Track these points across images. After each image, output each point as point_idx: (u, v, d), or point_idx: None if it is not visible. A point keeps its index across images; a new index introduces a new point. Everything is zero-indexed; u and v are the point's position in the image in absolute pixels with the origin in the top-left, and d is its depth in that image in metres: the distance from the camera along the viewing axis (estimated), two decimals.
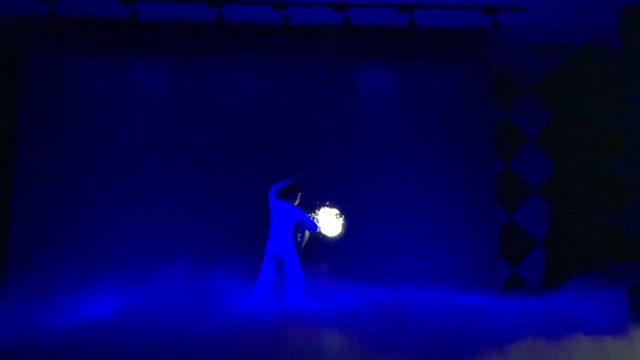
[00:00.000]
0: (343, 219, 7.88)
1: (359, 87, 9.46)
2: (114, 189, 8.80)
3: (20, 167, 8.74)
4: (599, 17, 8.78)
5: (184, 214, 8.88)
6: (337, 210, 7.92)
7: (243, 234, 8.82)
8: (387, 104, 9.44)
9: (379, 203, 9.10)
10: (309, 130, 9.23)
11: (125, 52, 9.12)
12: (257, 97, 9.27)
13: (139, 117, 9.03)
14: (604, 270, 8.96)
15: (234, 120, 9.19)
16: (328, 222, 7.85)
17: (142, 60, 9.15)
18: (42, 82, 8.90)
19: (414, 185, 9.30)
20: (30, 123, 8.83)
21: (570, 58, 9.98)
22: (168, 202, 8.89)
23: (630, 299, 6.57)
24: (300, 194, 7.83)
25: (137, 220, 8.78)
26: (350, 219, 8.19)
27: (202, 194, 8.99)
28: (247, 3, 8.48)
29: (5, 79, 9.11)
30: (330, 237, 7.89)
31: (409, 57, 9.54)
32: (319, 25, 9.11)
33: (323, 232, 7.85)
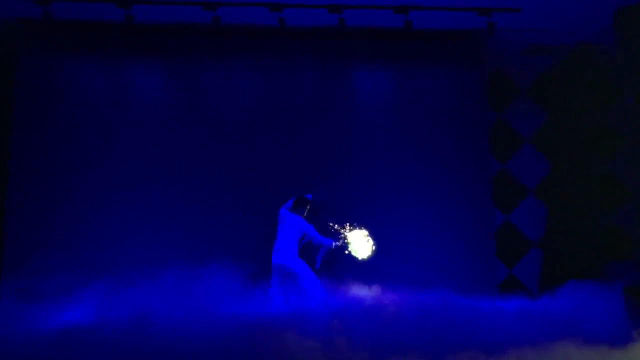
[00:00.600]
0: (373, 242, 7.90)
1: (355, 89, 9.46)
2: (110, 192, 8.79)
3: (16, 170, 8.72)
4: (594, 18, 8.80)
5: (181, 216, 8.87)
6: (366, 232, 7.94)
7: (240, 236, 8.82)
8: (382, 106, 9.44)
9: (375, 204, 9.10)
10: (305, 133, 9.23)
11: (121, 55, 9.11)
12: (253, 99, 9.27)
13: (135, 120, 9.01)
14: (601, 271, 8.98)
15: (230, 123, 9.19)
16: (359, 243, 7.88)
17: (137, 64, 9.14)
18: (37, 85, 8.88)
19: (410, 187, 9.30)
20: (26, 126, 8.81)
21: (566, 59, 10.00)
22: (164, 204, 8.88)
23: (627, 300, 6.57)
24: (308, 208, 7.98)
25: (133, 222, 8.77)
26: (346, 221, 8.19)
27: (198, 196, 8.97)
28: (242, 5, 8.48)
29: (0, 83, 9.08)
30: (360, 258, 7.92)
31: (405, 58, 9.55)
32: (315, 28, 9.12)
33: (353, 253, 7.89)
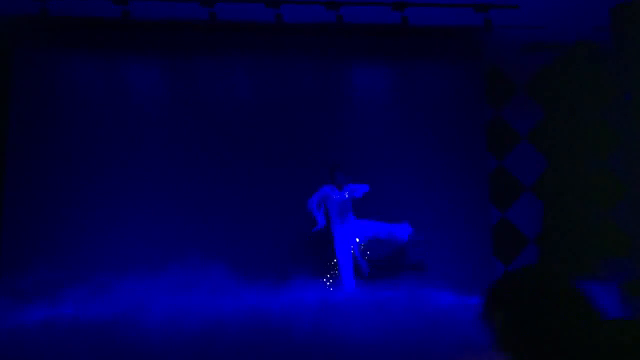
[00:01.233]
0: None
1: (352, 85, 9.45)
2: (107, 188, 8.78)
3: (11, 166, 8.71)
4: (591, 15, 8.80)
5: (179, 212, 8.88)
6: None
7: (238, 233, 8.83)
8: (379, 103, 9.44)
9: (372, 201, 9.09)
10: (302, 129, 9.23)
11: (118, 51, 9.10)
12: (250, 96, 9.27)
13: (131, 116, 9.00)
14: (597, 268, 8.99)
15: (227, 120, 9.18)
16: None
17: (134, 60, 9.12)
18: (33, 82, 8.87)
19: (407, 184, 9.30)
20: (22, 122, 8.80)
21: (563, 56, 9.99)
22: (161, 200, 8.88)
23: (623, 297, 6.58)
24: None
25: (130, 218, 8.77)
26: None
27: (195, 193, 8.97)
28: (239, 2, 8.47)
29: None
30: None
31: (402, 55, 9.55)
32: (312, 24, 9.10)
33: None
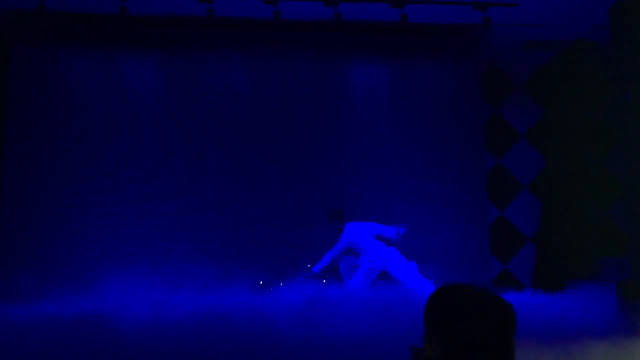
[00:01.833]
0: None
1: (350, 83, 9.43)
2: (104, 184, 8.77)
3: (9, 161, 8.68)
4: (590, 13, 8.79)
5: (176, 211, 8.87)
6: None
7: (235, 229, 8.83)
8: (377, 101, 9.42)
9: (370, 199, 9.09)
10: (300, 127, 9.22)
11: (115, 47, 9.08)
12: (248, 93, 9.25)
13: (128, 112, 8.98)
14: (594, 267, 8.99)
15: (225, 117, 9.16)
16: None
17: (132, 56, 9.09)
18: (31, 77, 8.85)
19: (405, 182, 9.29)
20: (19, 118, 8.78)
21: (561, 55, 9.98)
22: (159, 196, 8.87)
23: (620, 295, 6.58)
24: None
25: (129, 216, 8.76)
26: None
27: (193, 189, 8.96)
28: None
29: None
30: None
31: (400, 53, 9.53)
32: (310, 21, 9.08)
33: None
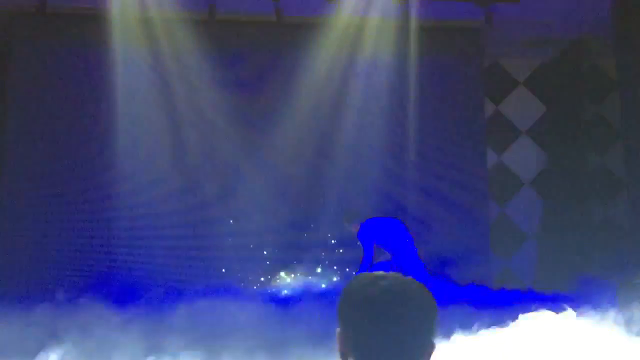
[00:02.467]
0: None
1: (353, 79, 9.40)
2: (103, 182, 8.76)
3: (9, 161, 8.68)
4: (591, 11, 8.77)
5: (174, 207, 8.87)
6: None
7: (233, 227, 8.85)
8: (380, 97, 9.39)
9: (371, 197, 9.08)
10: (302, 125, 9.17)
11: (116, 45, 9.01)
12: (249, 89, 9.21)
13: (129, 111, 8.93)
14: (595, 264, 8.99)
15: (227, 113, 9.13)
16: None
17: (132, 55, 9.03)
18: (31, 76, 8.82)
19: (406, 179, 9.28)
20: (20, 117, 8.76)
21: (563, 52, 9.96)
22: (157, 194, 8.86)
23: (620, 293, 6.57)
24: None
25: (128, 215, 8.76)
26: (343, 213, 8.18)
27: (191, 188, 8.96)
28: None
29: None
30: None
31: (403, 49, 9.49)
32: (313, 17, 9.05)
33: None
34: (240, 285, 8.19)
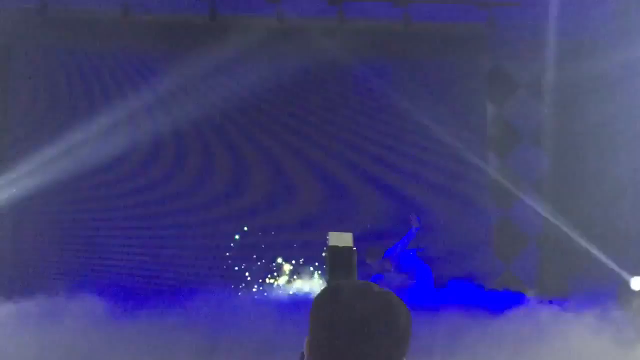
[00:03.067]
0: None
1: (353, 82, 9.41)
2: (104, 182, 8.77)
3: (9, 161, 8.69)
4: (594, 13, 8.76)
5: (173, 206, 8.88)
6: None
7: (232, 229, 8.86)
8: (381, 100, 9.40)
9: (372, 199, 9.08)
10: (302, 127, 9.19)
11: (118, 46, 9.03)
12: (250, 92, 9.22)
13: (129, 111, 8.92)
14: (598, 267, 8.96)
15: (228, 116, 9.15)
16: None
17: (133, 56, 9.05)
18: (31, 77, 8.83)
19: (408, 182, 9.28)
20: (20, 118, 8.78)
21: (566, 54, 9.94)
22: (156, 192, 8.87)
23: (622, 295, 6.57)
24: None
25: (128, 215, 8.77)
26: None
27: (191, 187, 8.96)
28: None
29: None
30: None
31: (404, 52, 9.50)
32: (314, 20, 9.05)
33: None
34: (242, 286, 8.17)
